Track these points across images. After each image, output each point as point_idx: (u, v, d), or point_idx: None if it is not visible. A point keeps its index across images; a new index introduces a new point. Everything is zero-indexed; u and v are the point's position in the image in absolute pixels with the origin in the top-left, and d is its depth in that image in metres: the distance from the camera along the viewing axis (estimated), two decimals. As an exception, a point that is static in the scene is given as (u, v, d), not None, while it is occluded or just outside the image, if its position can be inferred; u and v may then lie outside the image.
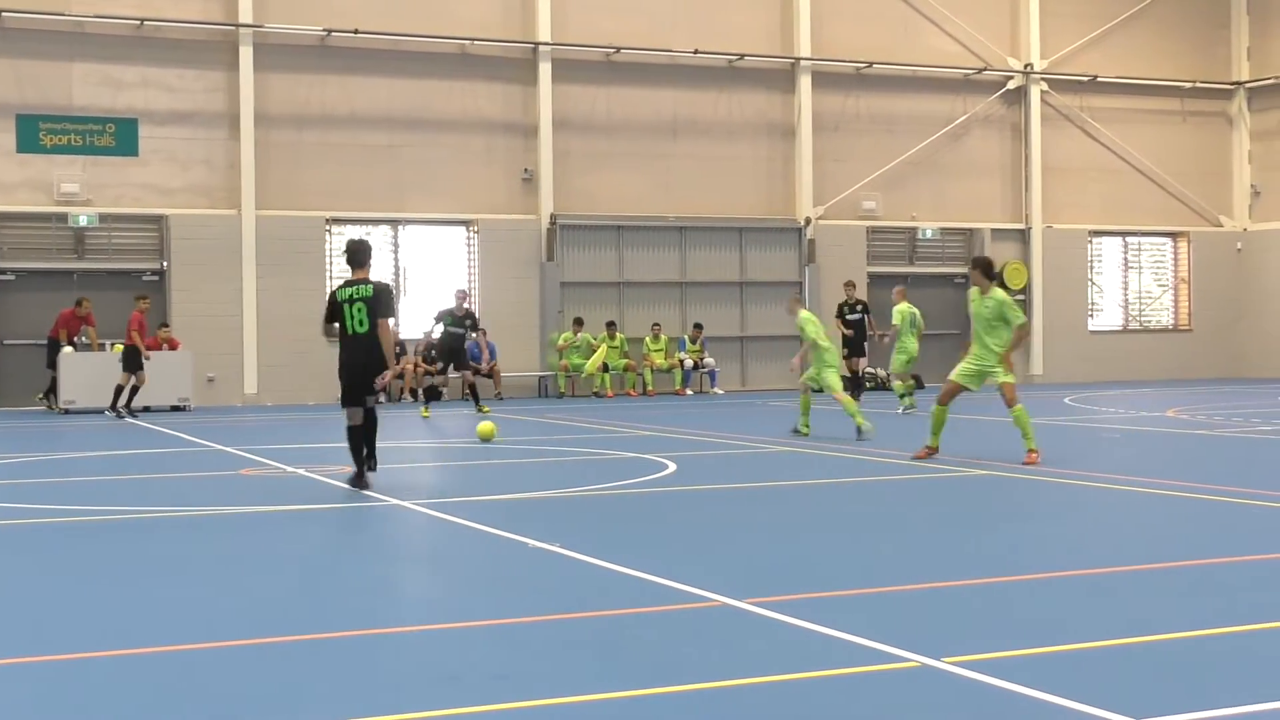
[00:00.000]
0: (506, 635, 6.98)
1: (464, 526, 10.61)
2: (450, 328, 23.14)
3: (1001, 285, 30.85)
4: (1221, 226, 34.66)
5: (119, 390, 23.20)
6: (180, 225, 26.54)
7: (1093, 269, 34.00)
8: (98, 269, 26.42)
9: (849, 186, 31.05)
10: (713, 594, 7.74)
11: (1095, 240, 33.94)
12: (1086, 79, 33.06)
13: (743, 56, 30.19)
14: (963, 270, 31.05)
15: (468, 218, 28.57)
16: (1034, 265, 32.67)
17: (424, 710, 5.64)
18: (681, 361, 29.31)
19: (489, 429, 17.86)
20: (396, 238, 28.43)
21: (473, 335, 25.13)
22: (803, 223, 30.67)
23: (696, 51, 29.72)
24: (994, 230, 32.39)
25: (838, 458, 15.75)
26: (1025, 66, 32.45)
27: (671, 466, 14.69)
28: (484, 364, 26.51)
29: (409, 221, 28.39)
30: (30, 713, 5.75)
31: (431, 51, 28.15)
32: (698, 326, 29.74)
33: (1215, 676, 6.11)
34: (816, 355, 17.94)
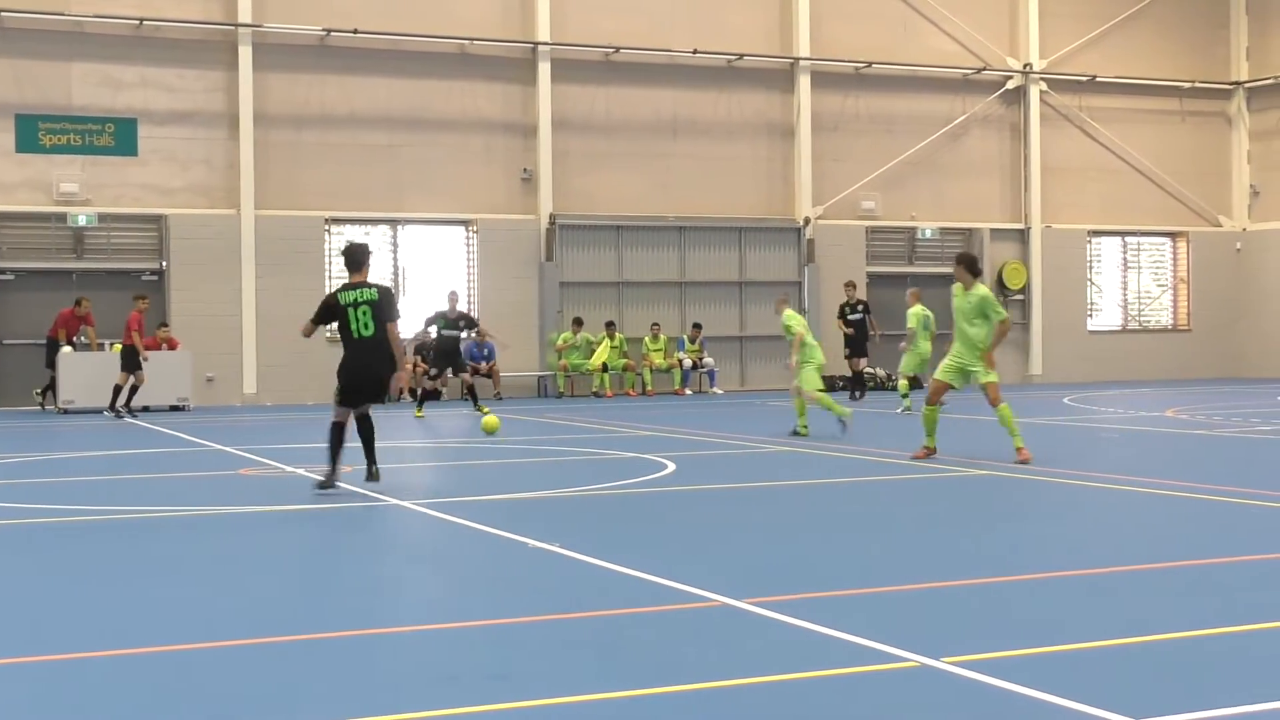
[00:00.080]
0: (505, 635, 6.98)
1: (463, 526, 10.61)
2: (444, 330, 23.10)
3: (1001, 286, 31.72)
4: (1220, 226, 34.67)
5: (118, 390, 23.20)
6: (179, 225, 26.54)
7: (1092, 269, 34.01)
8: (97, 269, 26.42)
9: (848, 186, 31.05)
10: (712, 594, 7.74)
11: (1094, 240, 33.95)
12: (1086, 79, 33.07)
13: (742, 56, 30.19)
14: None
15: (467, 218, 28.57)
16: (1033, 265, 32.68)
17: (423, 710, 5.64)
18: (680, 361, 29.31)
19: (493, 422, 18.21)
20: (395, 238, 28.42)
21: (470, 335, 25.08)
22: (802, 223, 30.66)
23: (696, 51, 29.72)
24: (993, 230, 32.40)
25: (837, 458, 15.75)
26: (1024, 66, 32.45)
27: (671, 466, 14.70)
28: (497, 343, 25.84)
29: (408, 221, 28.39)
30: (27, 713, 5.75)
31: (431, 51, 28.15)
32: (697, 326, 29.74)
33: (1214, 676, 6.11)
34: (806, 360, 18.17)
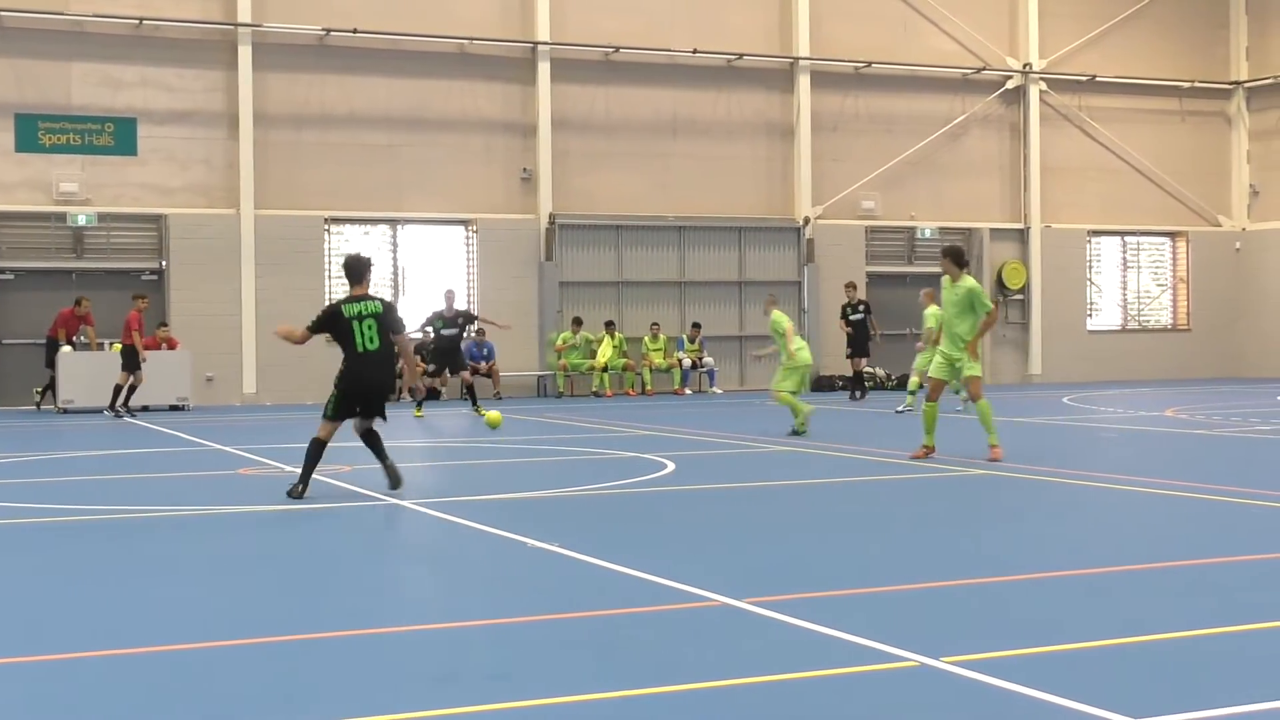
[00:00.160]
0: (504, 635, 6.98)
1: (462, 526, 10.61)
2: (443, 330, 23.08)
3: (1001, 286, 31.71)
4: (1220, 226, 34.67)
5: (118, 389, 23.20)
6: (179, 225, 26.54)
7: (1091, 269, 34.01)
8: (96, 268, 26.42)
9: (848, 186, 31.05)
10: (711, 593, 7.74)
11: (1094, 240, 33.95)
12: (1085, 79, 33.07)
13: (741, 56, 30.19)
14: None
15: (466, 217, 28.57)
16: (1032, 265, 32.68)
17: (422, 710, 5.64)
18: (680, 361, 29.32)
19: (496, 417, 18.45)
20: (395, 237, 28.43)
21: (471, 335, 25.02)
22: (801, 222, 30.66)
23: (695, 51, 29.72)
24: (992, 230, 32.40)
25: (836, 457, 15.76)
26: (1024, 66, 32.45)
27: (670, 466, 14.70)
28: (498, 326, 25.57)
29: (407, 221, 28.39)
30: (24, 713, 5.75)
31: (430, 51, 28.15)
32: (696, 326, 29.74)
33: (1212, 676, 6.11)
34: (790, 359, 18.33)
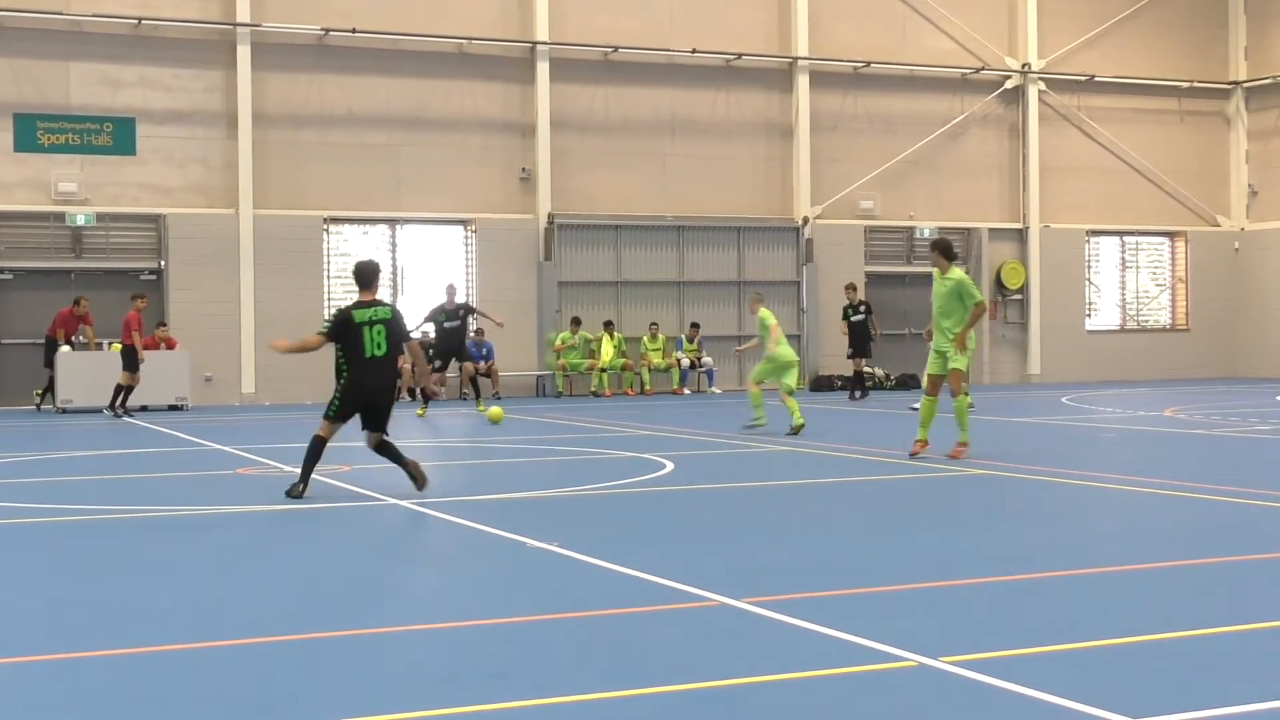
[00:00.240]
0: (504, 635, 6.98)
1: (462, 526, 10.61)
2: (446, 323, 23.08)
3: (1000, 285, 31.72)
4: (1219, 226, 34.67)
5: (119, 389, 23.17)
6: (178, 224, 26.53)
7: (1090, 268, 34.01)
8: (95, 268, 26.40)
9: (847, 186, 31.05)
10: (711, 593, 7.73)
11: (1092, 240, 33.95)
12: (1084, 79, 33.07)
13: (740, 56, 30.19)
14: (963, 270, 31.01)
15: (465, 217, 28.56)
16: (1031, 265, 32.68)
17: (422, 710, 5.64)
18: (679, 361, 29.32)
19: (498, 412, 18.92)
20: (394, 237, 28.42)
21: (472, 330, 24.99)
22: (800, 222, 30.66)
23: (694, 51, 29.71)
24: (991, 230, 32.40)
25: (836, 457, 15.76)
26: (1023, 66, 32.45)
27: (669, 466, 14.69)
28: (493, 322, 25.43)
29: (407, 221, 28.38)
30: (23, 713, 5.75)
31: (429, 51, 28.14)
32: (695, 326, 29.74)
33: (1213, 676, 6.11)
34: (769, 354, 18.58)
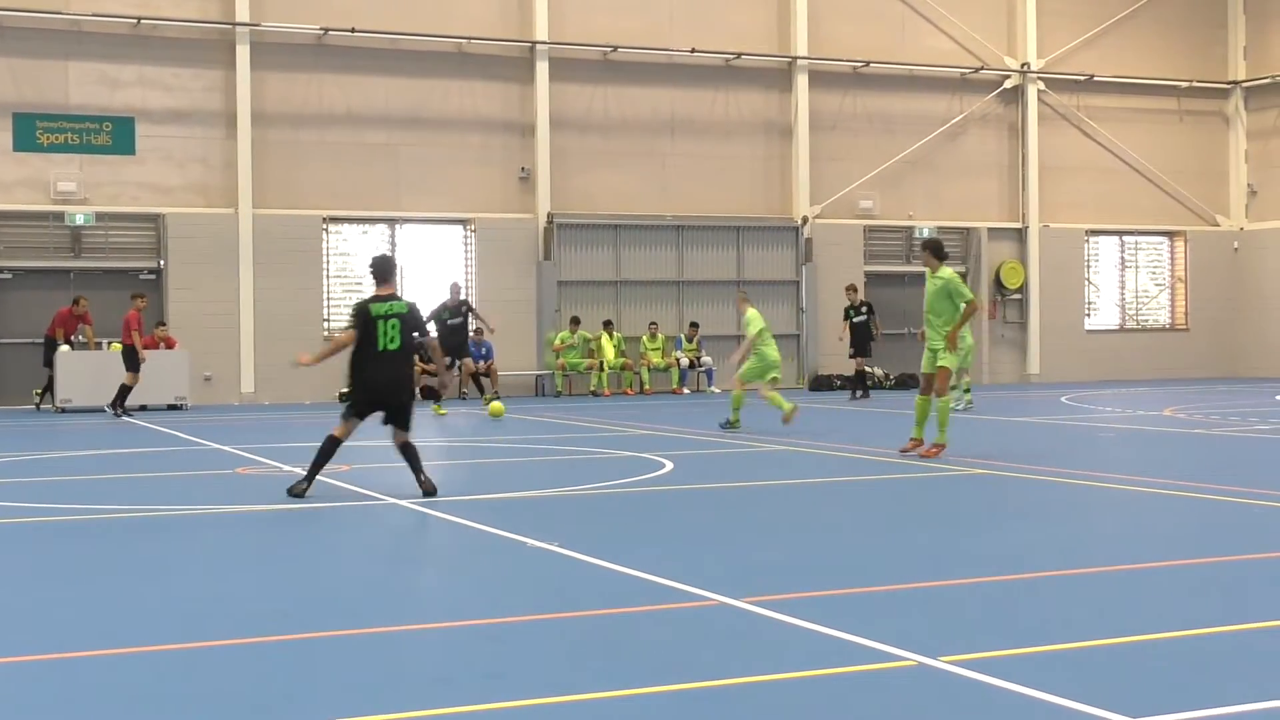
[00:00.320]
0: (502, 634, 6.98)
1: (461, 526, 10.60)
2: (450, 320, 23.12)
3: (999, 285, 31.73)
4: (1218, 226, 34.67)
5: (123, 389, 23.11)
6: (177, 224, 26.52)
7: (1089, 268, 34.00)
8: (95, 268, 26.39)
9: (846, 185, 31.05)
10: (709, 593, 7.73)
11: (1092, 239, 33.95)
12: (1083, 78, 33.07)
13: (740, 55, 30.18)
14: (960, 270, 31.06)
15: (465, 217, 28.55)
16: (1031, 264, 32.67)
17: (419, 710, 5.64)
18: (678, 360, 29.32)
19: (499, 407, 19.15)
20: (393, 237, 28.41)
21: (474, 327, 24.98)
22: (800, 222, 30.66)
23: (694, 50, 29.71)
24: (991, 229, 32.40)
25: (835, 457, 15.76)
26: (1022, 66, 32.44)
27: (668, 465, 14.70)
28: (486, 325, 25.52)
29: (406, 220, 28.37)
30: (21, 713, 5.75)
31: (429, 50, 28.14)
32: (694, 325, 29.74)
33: (1212, 676, 6.11)
34: (756, 351, 18.88)
